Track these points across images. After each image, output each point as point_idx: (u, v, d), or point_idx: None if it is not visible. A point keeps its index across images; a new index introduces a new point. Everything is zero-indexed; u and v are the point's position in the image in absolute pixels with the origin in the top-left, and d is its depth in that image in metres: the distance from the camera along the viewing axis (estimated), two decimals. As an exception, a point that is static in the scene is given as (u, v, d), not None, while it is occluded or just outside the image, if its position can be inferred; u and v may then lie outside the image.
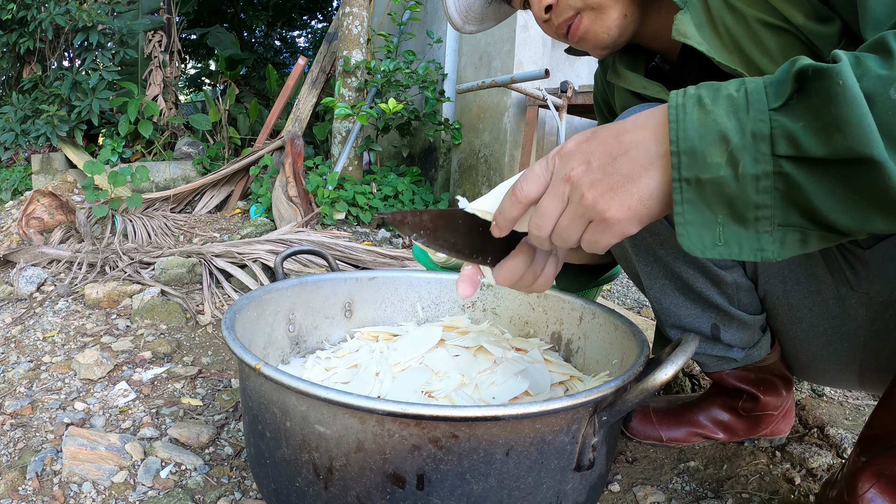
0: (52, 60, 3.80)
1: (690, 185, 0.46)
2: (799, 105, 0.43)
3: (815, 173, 0.43)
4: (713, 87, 0.47)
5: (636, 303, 2.04)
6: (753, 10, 0.66)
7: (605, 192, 0.50)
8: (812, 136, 0.42)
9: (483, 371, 0.87)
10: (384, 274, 1.09)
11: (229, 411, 1.13)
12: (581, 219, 0.52)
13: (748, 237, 0.46)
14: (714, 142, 0.45)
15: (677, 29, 0.70)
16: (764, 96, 0.45)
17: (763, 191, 0.44)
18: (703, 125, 0.45)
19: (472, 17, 0.91)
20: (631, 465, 1.00)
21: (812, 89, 0.43)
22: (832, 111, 0.41)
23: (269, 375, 0.61)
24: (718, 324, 0.88)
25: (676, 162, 0.46)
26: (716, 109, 0.45)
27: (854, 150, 0.41)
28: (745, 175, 0.44)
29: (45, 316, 1.62)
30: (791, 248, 0.46)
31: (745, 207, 0.45)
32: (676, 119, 0.46)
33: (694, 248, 0.47)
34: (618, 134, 0.50)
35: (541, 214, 0.54)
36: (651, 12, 0.79)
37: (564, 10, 0.77)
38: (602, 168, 0.50)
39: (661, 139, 0.48)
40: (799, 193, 0.44)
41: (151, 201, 2.92)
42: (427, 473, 0.59)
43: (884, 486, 0.71)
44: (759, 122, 0.44)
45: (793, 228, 0.45)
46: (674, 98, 0.48)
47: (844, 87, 0.41)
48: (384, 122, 3.05)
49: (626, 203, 0.49)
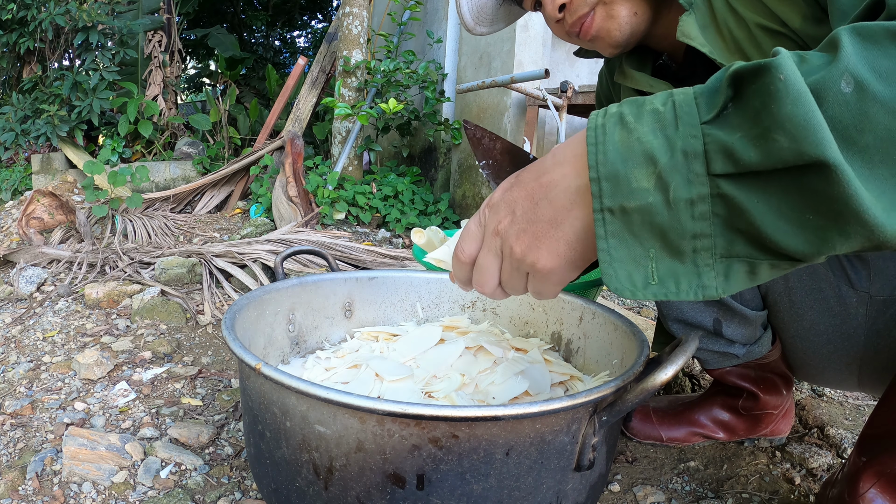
0: (52, 60, 3.80)
1: (615, 216, 0.40)
2: (735, 112, 0.37)
3: (760, 191, 0.37)
4: (636, 103, 0.41)
5: (636, 303, 2.04)
6: (753, 14, 0.66)
7: (531, 242, 0.47)
8: (751, 145, 0.36)
9: (483, 371, 0.87)
10: (384, 274, 1.09)
11: (229, 411, 1.13)
12: (518, 271, 0.49)
13: (686, 272, 0.40)
14: (639, 164, 0.39)
15: (682, 30, 0.70)
16: (695, 108, 0.39)
17: (700, 217, 0.38)
18: (625, 146, 0.40)
19: (483, 18, 0.92)
20: (631, 465, 1.00)
21: (749, 92, 0.37)
22: (772, 111, 0.35)
23: (269, 375, 0.61)
24: (720, 318, 0.88)
25: (597, 190, 0.40)
26: (640, 127, 0.40)
27: (804, 154, 0.34)
28: (677, 200, 0.38)
29: (45, 316, 1.62)
30: (737, 281, 0.40)
31: (679, 238, 0.39)
32: (595, 142, 0.41)
33: (623, 290, 0.41)
34: (538, 175, 0.47)
35: (480, 271, 0.52)
36: (661, 13, 0.79)
37: (579, 8, 0.77)
38: (525, 216, 0.47)
39: (581, 171, 0.43)
40: (742, 217, 0.37)
41: (151, 201, 2.92)
42: (427, 473, 0.59)
43: (884, 486, 0.71)
44: (690, 138, 0.38)
45: (738, 259, 0.39)
46: (593, 119, 0.42)
47: (786, 81, 0.35)
48: (384, 122, 3.05)
49: (555, 250, 0.46)
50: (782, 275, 0.41)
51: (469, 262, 0.54)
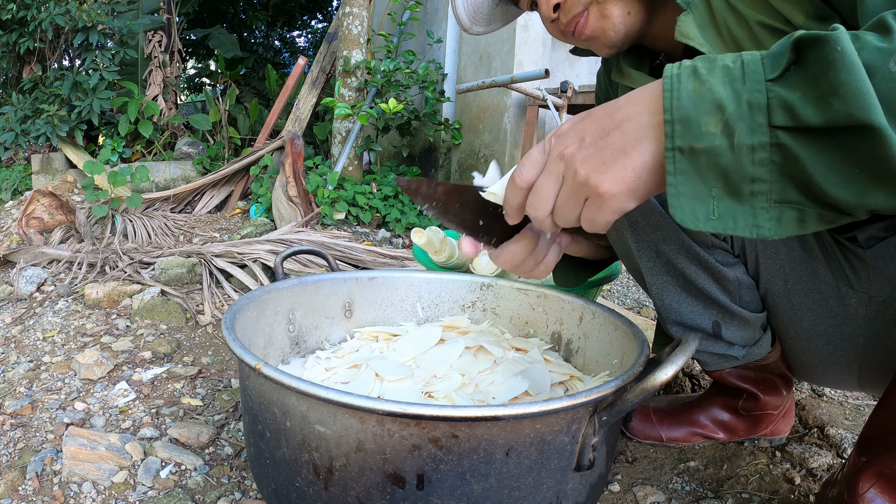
0: (52, 60, 3.80)
1: (684, 155, 0.44)
2: (796, 75, 0.42)
3: (813, 144, 0.41)
4: (709, 59, 0.46)
5: (636, 303, 2.04)
6: (754, 12, 0.66)
7: (598, 166, 0.49)
8: (809, 104, 0.41)
9: (483, 371, 0.87)
10: (384, 274, 1.09)
11: (229, 411, 1.13)
12: (577, 196, 0.51)
13: (743, 212, 0.44)
14: (709, 111, 0.44)
15: (680, 30, 0.70)
16: (761, 67, 0.43)
17: (759, 163, 0.43)
18: (698, 94, 0.44)
19: (480, 18, 0.92)
20: (631, 465, 1.00)
21: (809, 58, 0.41)
22: (830, 77, 0.40)
23: (269, 375, 0.61)
24: (720, 321, 0.88)
25: (670, 131, 0.45)
26: (711, 79, 0.44)
27: (853, 117, 0.39)
28: (740, 145, 0.43)
29: (45, 316, 1.62)
30: (788, 226, 0.44)
31: (740, 180, 0.44)
32: (671, 89, 0.45)
33: (686, 221, 0.45)
34: (612, 111, 0.50)
35: (537, 195, 0.54)
36: (657, 13, 0.79)
37: (573, 7, 0.77)
38: (595, 143, 0.49)
39: (656, 110, 0.47)
40: (796, 166, 0.42)
41: (151, 201, 2.92)
42: (427, 473, 0.59)
43: (884, 486, 0.71)
44: (755, 93, 0.43)
45: (790, 205, 0.43)
46: (669, 70, 0.46)
47: (843, 52, 0.40)
48: (384, 122, 3.05)
49: (620, 176, 0.48)
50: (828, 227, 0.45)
51: (525, 188, 0.55)
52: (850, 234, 0.75)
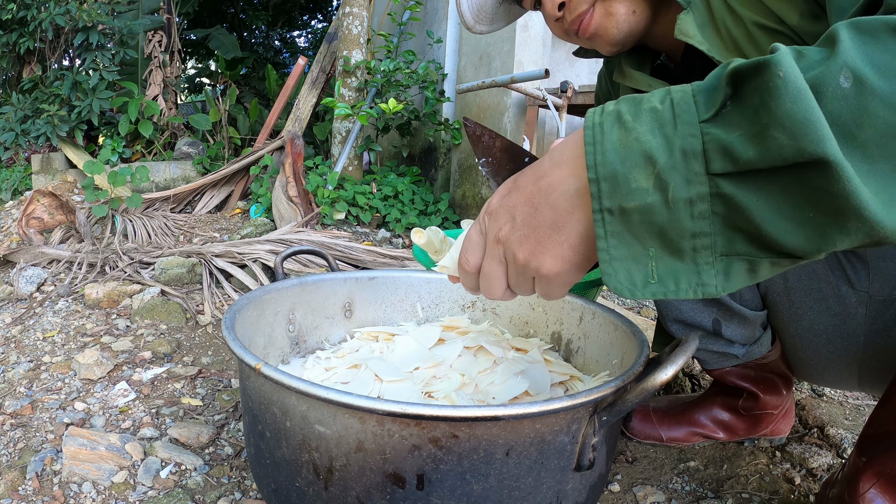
0: (52, 60, 3.80)
1: (614, 216, 0.40)
2: (734, 110, 0.37)
3: (759, 189, 0.37)
4: (634, 101, 0.41)
5: (636, 303, 2.04)
6: (750, 12, 0.66)
7: (534, 248, 0.47)
8: (750, 143, 0.36)
9: (483, 371, 0.87)
10: (384, 274, 1.09)
11: (229, 411, 1.13)
12: (524, 276, 0.49)
13: (686, 271, 0.40)
14: (638, 164, 0.39)
15: (680, 28, 0.70)
16: (693, 107, 0.39)
17: (699, 216, 0.38)
18: (624, 146, 0.40)
19: (483, 17, 0.92)
20: (631, 465, 1.00)
21: (748, 90, 0.37)
22: (772, 108, 0.35)
23: (269, 375, 0.61)
24: (720, 319, 0.88)
25: (596, 191, 0.41)
26: (638, 126, 0.40)
27: (803, 151, 0.34)
28: (676, 200, 0.39)
29: (45, 316, 1.62)
30: (737, 279, 0.40)
31: (679, 237, 0.39)
32: (594, 142, 0.41)
33: (623, 289, 0.42)
34: (536, 179, 0.46)
35: (487, 280, 0.52)
36: (660, 12, 0.79)
37: (579, 5, 0.77)
38: (526, 223, 0.47)
39: (580, 173, 0.43)
40: (742, 216, 0.37)
41: (151, 201, 2.92)
42: (427, 473, 0.59)
43: (884, 486, 0.71)
44: (688, 137, 0.38)
45: (738, 257, 0.39)
46: (590, 118, 0.42)
47: (785, 78, 0.35)
48: (384, 122, 3.05)
49: (559, 254, 0.46)
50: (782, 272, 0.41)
51: (474, 272, 0.54)
52: None
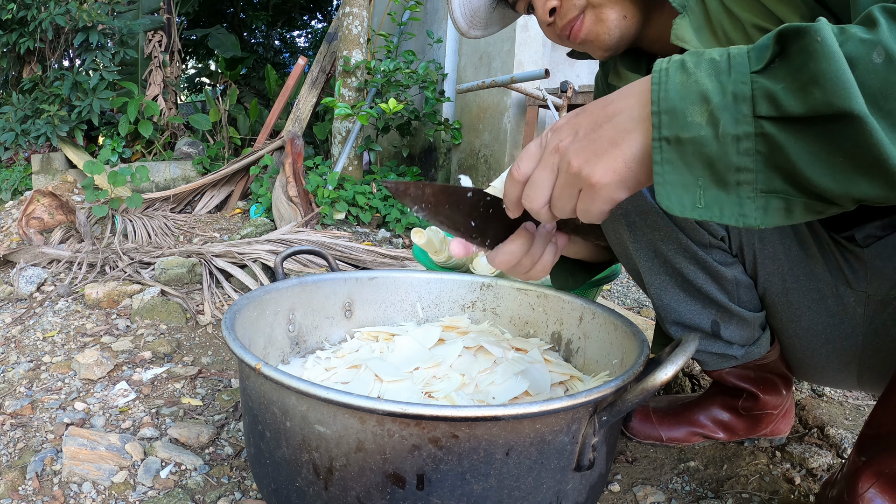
0: (52, 60, 3.80)
1: (670, 145, 0.46)
2: (780, 66, 0.43)
3: (797, 134, 0.42)
4: (697, 53, 0.47)
5: (636, 303, 2.04)
6: (749, 14, 0.66)
7: (590, 157, 0.50)
8: (792, 95, 0.42)
9: (483, 371, 0.87)
10: (384, 274, 1.09)
11: (229, 411, 1.13)
12: (571, 187, 0.53)
13: (729, 201, 0.45)
14: (695, 102, 0.45)
15: (675, 33, 0.70)
16: (746, 60, 0.44)
17: (744, 153, 0.44)
18: (684, 86, 0.45)
19: (477, 21, 0.92)
20: (631, 465, 1.00)
21: (793, 50, 0.43)
22: (811, 67, 0.41)
23: (269, 375, 0.61)
24: (718, 320, 0.88)
25: (657, 121, 0.46)
26: (698, 72, 0.45)
27: (833, 105, 0.40)
28: (725, 135, 0.44)
29: (45, 316, 1.62)
30: (774, 216, 0.45)
31: (725, 170, 0.44)
32: (659, 82, 0.46)
33: (673, 208, 0.46)
34: (605, 105, 0.51)
35: (533, 187, 0.56)
36: (653, 16, 0.79)
37: (569, 11, 0.77)
38: (587, 136, 0.51)
39: (645, 103, 0.48)
40: (781, 156, 0.43)
41: (151, 201, 2.92)
42: (427, 473, 0.59)
43: (884, 486, 0.71)
44: (739, 84, 0.44)
45: (776, 195, 0.44)
46: (658, 64, 0.48)
47: (823, 43, 0.41)
48: (384, 122, 3.05)
49: (611, 167, 0.50)
50: (815, 218, 0.45)
51: (523, 181, 0.57)
52: (847, 233, 0.75)
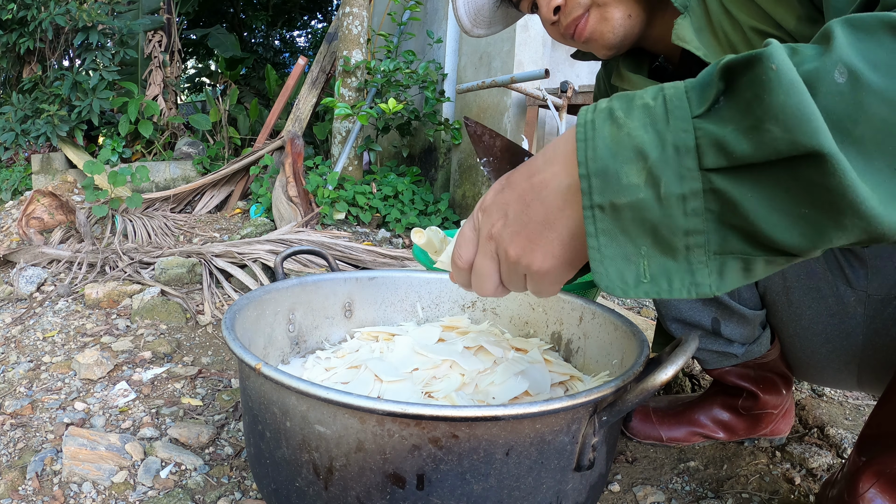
0: (52, 60, 3.80)
1: (605, 213, 0.40)
2: (727, 105, 0.37)
3: (753, 184, 0.36)
4: (627, 98, 0.41)
5: (636, 303, 2.04)
6: (747, 17, 0.66)
7: (525, 245, 0.46)
8: (744, 137, 0.36)
9: (483, 371, 0.87)
10: (384, 274, 1.09)
11: (229, 411, 1.13)
12: (516, 274, 0.49)
13: (679, 270, 0.39)
14: (629, 159, 0.39)
15: (676, 33, 0.70)
16: (686, 102, 0.38)
17: (692, 213, 0.38)
18: (615, 141, 0.39)
19: (481, 20, 0.92)
20: (631, 465, 1.00)
21: (741, 84, 0.36)
22: (766, 101, 0.35)
23: (269, 375, 0.61)
24: (719, 318, 0.88)
25: (587, 187, 0.40)
26: (630, 122, 0.39)
27: (796, 144, 0.34)
28: (668, 196, 0.38)
29: (45, 316, 1.62)
30: (732, 279, 0.39)
31: (672, 235, 0.39)
32: (585, 138, 0.40)
33: (615, 288, 0.41)
34: (529, 176, 0.46)
35: (478, 276, 0.52)
36: (656, 16, 0.79)
37: (573, 10, 0.77)
38: (517, 219, 0.47)
39: (572, 167, 0.43)
40: (736, 212, 0.37)
41: (151, 201, 2.92)
42: (427, 473, 0.59)
43: (884, 486, 0.71)
44: (680, 133, 0.38)
45: (733, 256, 0.38)
46: (582, 115, 0.42)
47: (778, 71, 0.34)
48: (384, 122, 3.05)
49: (549, 252, 0.45)
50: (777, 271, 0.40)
51: (467, 268, 0.53)
52: None
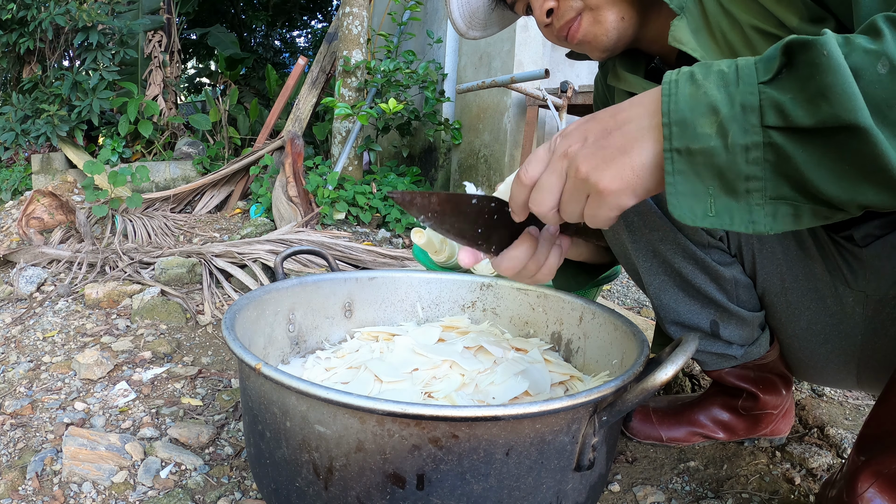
0: (52, 60, 3.80)
1: (681, 155, 0.47)
2: (787, 77, 0.44)
3: (804, 144, 0.43)
4: (706, 65, 0.48)
5: (636, 303, 2.04)
6: (748, 16, 0.65)
7: (598, 164, 0.51)
8: (799, 106, 0.43)
9: (483, 371, 0.87)
10: (384, 274, 1.09)
11: (229, 411, 1.13)
12: (579, 192, 0.53)
13: (739, 209, 0.46)
14: (704, 113, 0.46)
15: (673, 35, 0.70)
16: (754, 71, 0.45)
17: (753, 162, 0.45)
18: (693, 98, 0.46)
19: (476, 22, 0.92)
20: (631, 465, 1.00)
21: (799, 62, 0.44)
22: (817, 80, 0.42)
23: (269, 375, 0.61)
24: (717, 320, 0.88)
25: (668, 132, 0.47)
26: (707, 83, 0.46)
27: (839, 118, 0.41)
28: (734, 145, 0.45)
29: (45, 316, 1.62)
30: (783, 221, 0.46)
31: (735, 178, 0.46)
32: (669, 93, 0.48)
33: (685, 218, 0.48)
34: (615, 112, 0.52)
35: (541, 190, 0.56)
36: (650, 17, 0.79)
37: (566, 13, 0.77)
38: (597, 143, 0.52)
39: (655, 112, 0.49)
40: (789, 164, 0.44)
41: (151, 201, 2.92)
42: (427, 473, 0.59)
43: (883, 486, 0.71)
44: (748, 95, 0.45)
45: (784, 201, 0.45)
46: (668, 76, 0.49)
47: (829, 56, 0.42)
48: (384, 122, 3.05)
49: (619, 174, 0.50)
50: (823, 223, 0.46)
51: (530, 184, 0.57)
52: (846, 233, 0.75)
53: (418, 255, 1.29)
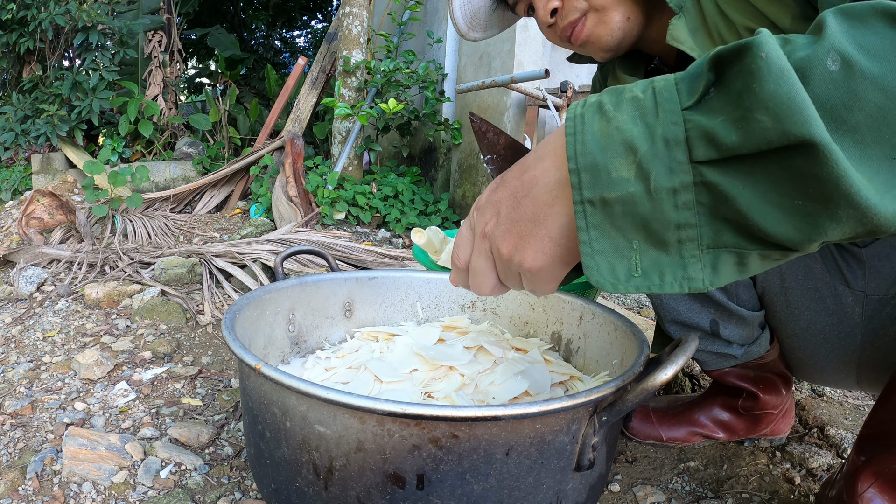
0: (52, 60, 3.80)
1: (595, 207, 0.39)
2: (717, 97, 0.36)
3: (745, 176, 0.35)
4: (616, 92, 0.40)
5: (636, 303, 2.04)
6: (741, 17, 0.66)
7: (516, 242, 0.45)
8: (734, 128, 0.35)
9: (483, 371, 0.87)
10: (384, 274, 1.09)
11: (229, 411, 1.13)
12: (510, 272, 0.48)
13: (671, 264, 0.38)
14: (619, 153, 0.38)
15: (671, 34, 0.70)
16: (675, 94, 0.37)
17: (684, 206, 0.37)
18: (604, 135, 0.38)
19: (477, 23, 0.92)
20: (631, 465, 1.00)
21: (730, 74, 0.35)
22: (755, 91, 0.34)
23: (269, 375, 0.61)
24: (717, 319, 0.88)
25: (576, 181, 0.39)
26: (619, 115, 0.38)
27: (788, 133, 0.33)
28: (659, 189, 0.37)
29: (45, 316, 1.62)
30: (726, 273, 0.38)
31: (663, 228, 0.38)
32: (574, 132, 0.40)
33: (605, 283, 0.40)
34: (521, 173, 0.46)
35: (475, 275, 0.51)
36: (653, 17, 0.79)
37: (570, 13, 0.77)
38: (509, 216, 0.46)
39: (561, 162, 0.42)
40: (728, 205, 0.36)
41: (151, 201, 2.92)
42: (427, 473, 0.59)
43: (883, 485, 0.71)
44: (670, 125, 0.37)
45: (726, 249, 0.37)
46: (572, 110, 0.41)
47: (768, 59, 0.33)
48: (384, 122, 3.05)
49: (540, 249, 0.44)
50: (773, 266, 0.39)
51: (465, 268, 0.53)
52: None
53: (418, 255, 1.29)
